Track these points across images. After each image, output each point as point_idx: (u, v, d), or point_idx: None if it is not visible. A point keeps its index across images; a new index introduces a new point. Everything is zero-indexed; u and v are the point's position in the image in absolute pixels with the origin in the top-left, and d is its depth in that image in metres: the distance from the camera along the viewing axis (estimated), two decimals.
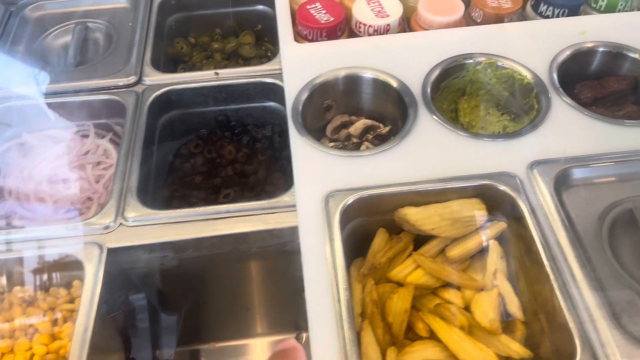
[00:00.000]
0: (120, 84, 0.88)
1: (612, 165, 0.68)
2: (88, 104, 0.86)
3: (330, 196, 0.67)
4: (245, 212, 0.71)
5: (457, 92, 0.86)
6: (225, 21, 1.10)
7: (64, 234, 0.71)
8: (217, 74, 0.89)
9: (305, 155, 0.72)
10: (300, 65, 0.84)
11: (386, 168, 0.71)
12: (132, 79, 0.88)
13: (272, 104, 0.91)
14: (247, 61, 1.08)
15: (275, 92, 0.88)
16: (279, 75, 0.88)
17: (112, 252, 0.69)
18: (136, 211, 0.72)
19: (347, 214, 0.67)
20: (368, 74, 0.81)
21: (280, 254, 0.71)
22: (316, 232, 0.65)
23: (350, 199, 0.67)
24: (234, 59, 1.08)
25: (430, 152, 0.72)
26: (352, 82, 0.82)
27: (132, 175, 0.76)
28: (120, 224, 0.71)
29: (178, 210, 0.72)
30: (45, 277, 0.70)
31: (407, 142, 0.73)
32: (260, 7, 1.06)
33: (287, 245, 0.70)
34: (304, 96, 0.78)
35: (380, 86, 0.82)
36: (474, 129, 0.85)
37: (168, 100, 0.89)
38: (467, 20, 0.94)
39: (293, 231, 0.67)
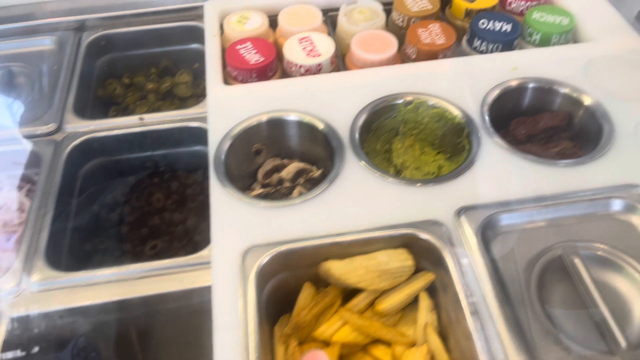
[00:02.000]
0: (39, 132, 0.83)
1: (542, 210, 0.66)
2: (2, 156, 0.81)
3: (248, 252, 0.64)
4: (160, 271, 0.67)
5: (390, 132, 0.84)
6: (161, 60, 1.07)
7: None
8: (141, 119, 0.85)
9: (227, 208, 0.69)
10: (226, 109, 0.80)
11: (311, 218, 0.67)
12: (52, 126, 0.84)
13: (202, 147, 0.87)
14: (183, 101, 1.04)
15: (203, 136, 0.84)
16: (206, 119, 0.84)
17: (14, 321, 0.63)
18: (42, 274, 0.67)
19: (266, 271, 0.63)
20: (292, 117, 0.78)
21: (197, 313, 0.67)
22: (230, 292, 0.60)
23: (267, 257, 0.63)
24: (169, 99, 1.04)
25: (356, 200, 0.69)
26: (277, 126, 0.79)
27: (43, 232, 0.71)
28: (25, 289, 0.66)
29: (86, 272, 0.67)
30: None
31: (333, 190, 0.70)
32: (195, 45, 1.03)
33: (206, 305, 0.66)
34: (227, 144, 0.75)
35: (307, 129, 0.79)
36: (408, 170, 0.82)
37: (90, 148, 0.84)
38: (402, 56, 0.93)
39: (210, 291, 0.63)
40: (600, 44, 0.88)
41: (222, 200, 0.69)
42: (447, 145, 0.82)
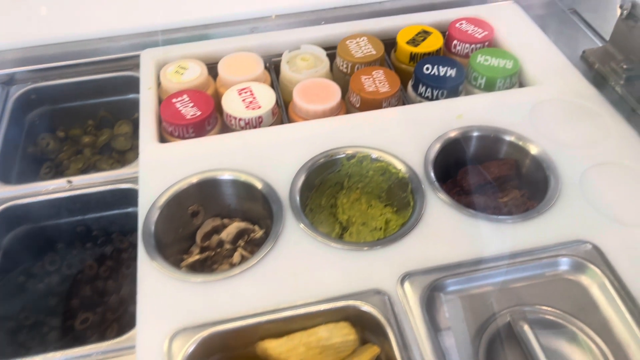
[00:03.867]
0: None
1: (489, 273, 0.63)
2: None
3: (176, 336, 0.58)
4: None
5: (335, 187, 0.80)
6: (98, 111, 1.02)
7: None
8: (69, 182, 0.79)
9: (155, 286, 0.63)
10: (159, 170, 0.76)
11: (246, 292, 0.63)
12: None
13: (137, 209, 0.82)
14: (121, 154, 0.99)
15: (136, 197, 0.80)
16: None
17: None
18: None
19: (196, 356, 0.58)
20: (227, 177, 0.74)
21: None
22: None
23: (196, 341, 0.58)
24: (107, 152, 0.99)
25: (296, 269, 0.65)
26: (212, 187, 0.75)
27: None
28: None
29: None
30: None
31: (270, 258, 0.66)
32: (134, 95, 0.98)
33: None
34: (157, 212, 0.70)
35: (245, 188, 0.74)
36: (355, 227, 0.79)
37: (14, 216, 0.78)
38: (347, 104, 0.90)
39: None
40: (545, 88, 0.87)
41: (150, 277, 0.64)
42: (393, 199, 0.79)
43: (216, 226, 0.79)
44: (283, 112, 0.90)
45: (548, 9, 1.08)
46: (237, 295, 0.62)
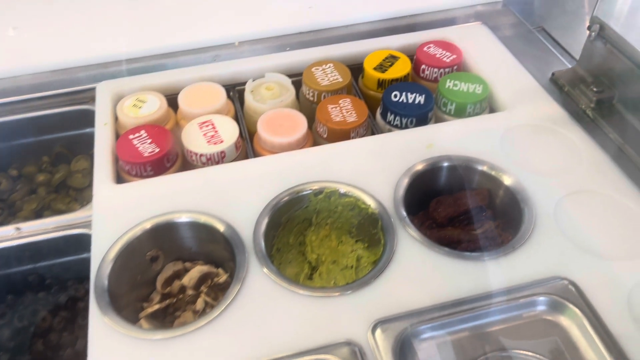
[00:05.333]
0: None
1: (465, 316, 0.60)
2: None
3: None
4: None
5: (303, 224, 0.77)
6: (54, 147, 0.96)
7: None
8: (18, 229, 0.74)
9: (109, 344, 0.59)
10: (114, 214, 0.71)
11: (208, 348, 0.58)
12: None
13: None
14: (79, 192, 0.94)
15: (90, 242, 0.75)
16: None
17: None
18: None
19: None
20: (184, 219, 0.70)
21: None
22: None
23: None
24: (64, 190, 0.94)
25: (260, 320, 0.60)
26: (170, 230, 0.70)
27: None
28: None
29: None
30: None
31: (234, 308, 0.61)
32: (90, 129, 0.93)
33: None
34: (110, 266, 0.65)
35: (205, 231, 0.70)
36: (325, 266, 0.75)
37: None
38: (314, 134, 0.86)
39: None
40: (515, 112, 0.85)
41: (103, 335, 0.59)
42: (364, 234, 0.75)
43: (177, 271, 0.75)
44: (248, 145, 0.86)
45: (516, 29, 1.07)
46: (197, 352, 0.58)
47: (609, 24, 0.85)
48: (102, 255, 0.66)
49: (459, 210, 0.76)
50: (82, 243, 0.76)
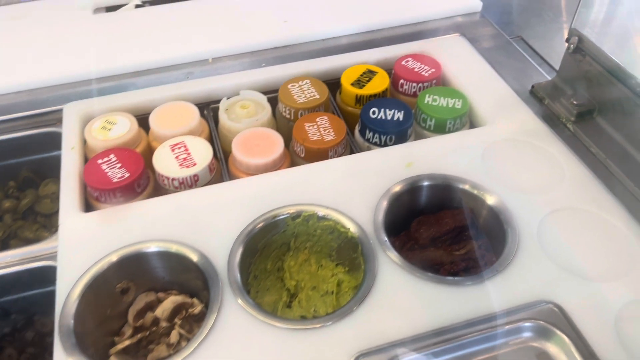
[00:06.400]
0: None
1: (449, 346, 0.57)
2: None
3: None
4: None
5: (281, 248, 0.74)
6: (20, 171, 0.92)
7: None
8: None
9: None
10: (80, 245, 0.67)
11: None
12: None
13: None
14: (47, 218, 0.90)
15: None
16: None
17: None
18: None
19: None
20: (154, 249, 0.67)
21: None
22: None
23: None
24: (31, 217, 0.90)
25: (237, 356, 0.57)
26: (139, 261, 0.67)
27: None
28: None
29: None
30: None
31: (207, 344, 0.58)
32: (58, 152, 0.89)
33: None
34: (76, 304, 0.61)
35: (177, 260, 0.67)
36: (304, 292, 0.72)
37: None
38: (292, 154, 0.84)
39: None
40: (495, 127, 0.83)
41: None
42: (344, 258, 0.73)
43: (150, 302, 0.71)
44: (223, 166, 0.83)
45: (495, 40, 1.06)
46: None
47: (588, 36, 0.84)
48: (67, 290, 0.62)
49: (441, 230, 0.74)
50: (48, 276, 0.72)
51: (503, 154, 0.79)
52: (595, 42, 0.83)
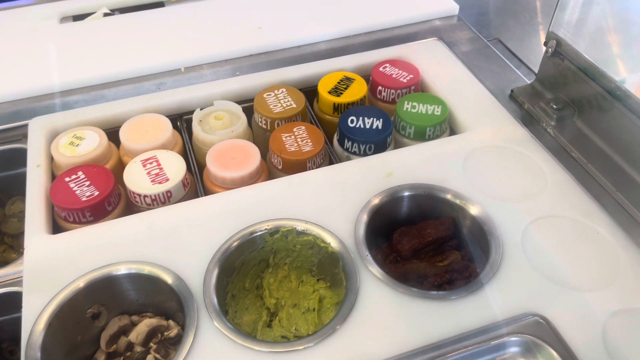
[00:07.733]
0: None
1: None
2: None
3: None
4: None
5: (259, 266, 0.71)
6: None
7: None
8: None
9: None
10: (46, 270, 0.64)
11: None
12: None
13: None
14: (15, 239, 0.86)
15: None
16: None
17: None
18: None
19: None
20: (124, 271, 0.64)
21: None
22: None
23: None
24: None
25: None
26: (109, 285, 0.64)
27: None
28: None
29: None
30: None
31: None
32: (25, 169, 0.85)
33: None
34: (42, 335, 0.57)
35: (150, 282, 0.64)
36: (284, 311, 0.69)
37: None
38: (269, 166, 0.81)
39: None
40: (476, 133, 0.82)
41: None
42: (325, 273, 0.71)
43: (123, 326, 0.68)
44: (198, 181, 0.80)
45: (472, 44, 1.05)
46: None
47: (565, 39, 0.83)
48: (33, 320, 0.59)
49: (424, 241, 0.72)
50: (14, 301, 0.68)
51: (484, 161, 0.77)
52: (571, 43, 0.82)
